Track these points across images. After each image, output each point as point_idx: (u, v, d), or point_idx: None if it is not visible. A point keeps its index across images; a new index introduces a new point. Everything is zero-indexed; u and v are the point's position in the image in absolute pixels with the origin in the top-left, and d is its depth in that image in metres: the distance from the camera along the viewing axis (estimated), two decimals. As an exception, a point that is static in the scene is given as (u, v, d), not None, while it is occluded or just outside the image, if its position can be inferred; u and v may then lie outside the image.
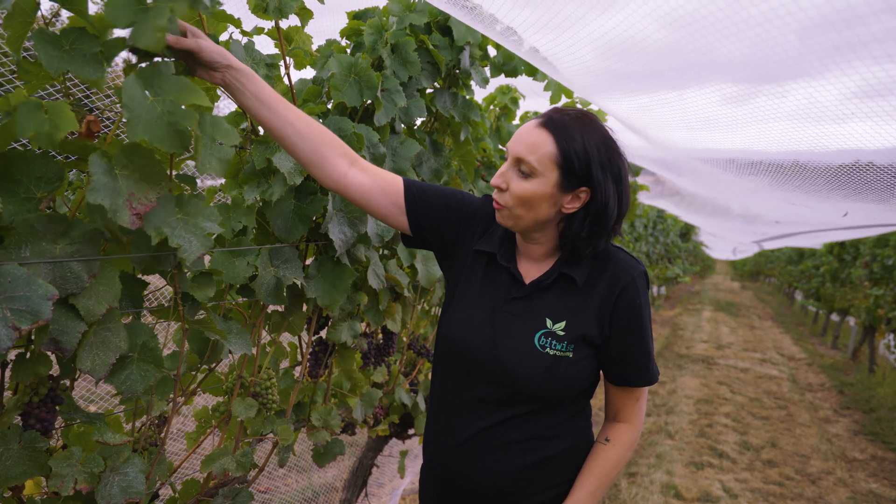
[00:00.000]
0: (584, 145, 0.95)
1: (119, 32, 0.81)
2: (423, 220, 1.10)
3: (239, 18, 1.00)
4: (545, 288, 1.04)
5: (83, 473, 0.83)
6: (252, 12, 1.02)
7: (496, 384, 1.04)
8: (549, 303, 1.03)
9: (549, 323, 1.02)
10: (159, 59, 0.82)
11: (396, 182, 1.09)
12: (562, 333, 1.01)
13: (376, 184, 1.07)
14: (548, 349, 1.01)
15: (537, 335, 1.01)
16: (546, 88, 1.97)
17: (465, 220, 1.12)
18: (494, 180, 1.01)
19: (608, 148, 0.98)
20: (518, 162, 0.98)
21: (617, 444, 1.09)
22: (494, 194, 1.02)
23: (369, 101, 1.26)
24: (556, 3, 1.27)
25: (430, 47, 1.45)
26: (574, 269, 1.03)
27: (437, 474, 1.13)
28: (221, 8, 0.95)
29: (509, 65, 1.77)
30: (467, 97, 1.66)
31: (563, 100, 2.08)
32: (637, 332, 1.03)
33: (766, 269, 19.74)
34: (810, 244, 6.99)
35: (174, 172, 0.90)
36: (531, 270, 1.07)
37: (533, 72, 1.82)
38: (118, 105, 0.77)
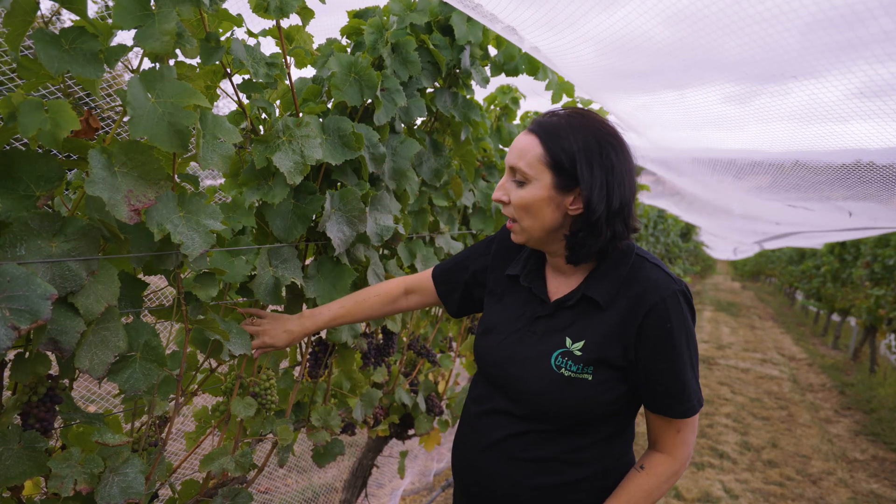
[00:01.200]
0: (570, 142, 0.93)
1: (120, 37, 0.81)
2: (457, 294, 1.23)
3: (240, 17, 1.00)
4: (568, 308, 1.01)
5: (82, 474, 0.83)
6: (253, 11, 1.02)
7: (513, 400, 1.03)
8: (570, 322, 1.00)
9: (568, 342, 0.99)
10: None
11: (425, 276, 1.27)
12: (579, 354, 0.97)
13: (426, 296, 1.27)
14: (563, 370, 0.98)
15: (554, 355, 0.99)
16: (547, 87, 1.96)
17: (487, 264, 1.18)
18: (495, 195, 1.01)
19: (599, 141, 0.94)
20: (513, 172, 0.98)
21: (651, 474, 1.01)
22: (503, 211, 1.03)
23: (369, 101, 1.25)
24: (560, 2, 1.26)
25: (431, 47, 1.45)
26: (596, 291, 0.99)
27: (461, 479, 1.13)
28: (223, 7, 0.95)
29: (510, 64, 1.77)
30: (468, 97, 1.65)
31: (565, 98, 2.08)
32: (667, 358, 0.96)
33: (767, 270, 19.73)
34: (811, 244, 6.99)
35: (177, 174, 0.90)
36: (560, 288, 1.05)
37: (534, 71, 1.82)
38: (118, 104, 0.77)
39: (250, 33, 1.07)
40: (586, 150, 0.93)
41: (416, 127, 1.58)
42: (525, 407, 1.02)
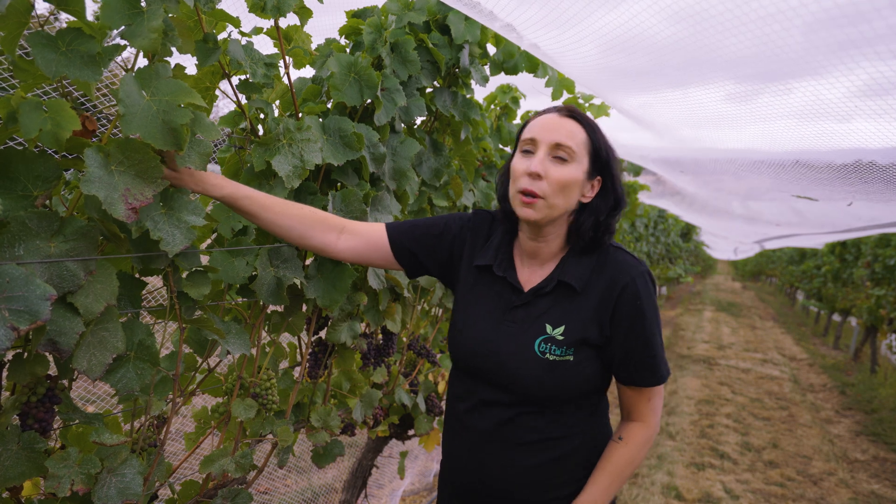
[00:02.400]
0: (603, 138, 1.04)
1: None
2: (412, 257, 1.15)
3: (238, 17, 1.00)
4: (544, 294, 1.05)
5: (80, 474, 0.82)
6: (250, 10, 1.02)
7: (502, 389, 1.06)
8: (548, 309, 1.05)
9: (548, 328, 1.03)
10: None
11: (380, 233, 1.14)
12: (561, 338, 1.02)
13: (365, 243, 1.13)
14: (548, 355, 1.02)
15: (537, 341, 1.03)
16: (547, 84, 1.96)
17: (455, 242, 1.16)
18: (534, 167, 0.99)
19: (610, 145, 1.06)
20: (557, 148, 0.99)
21: (630, 443, 1.09)
22: (527, 185, 1.00)
23: (369, 101, 1.25)
24: (562, 2, 1.26)
25: (430, 46, 1.45)
26: (571, 276, 1.04)
27: (453, 477, 1.16)
28: (220, 7, 0.95)
29: (509, 62, 1.77)
30: (467, 96, 1.65)
31: (565, 95, 2.07)
32: (640, 334, 1.03)
33: (768, 270, 19.72)
34: (812, 244, 6.98)
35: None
36: (532, 276, 1.09)
37: (533, 68, 1.82)
38: (115, 105, 0.77)
39: (243, 34, 1.07)
40: (607, 144, 1.05)
41: (415, 126, 1.58)
42: (512, 393, 1.05)
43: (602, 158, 1.03)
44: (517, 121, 2.22)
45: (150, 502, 1.01)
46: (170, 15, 0.85)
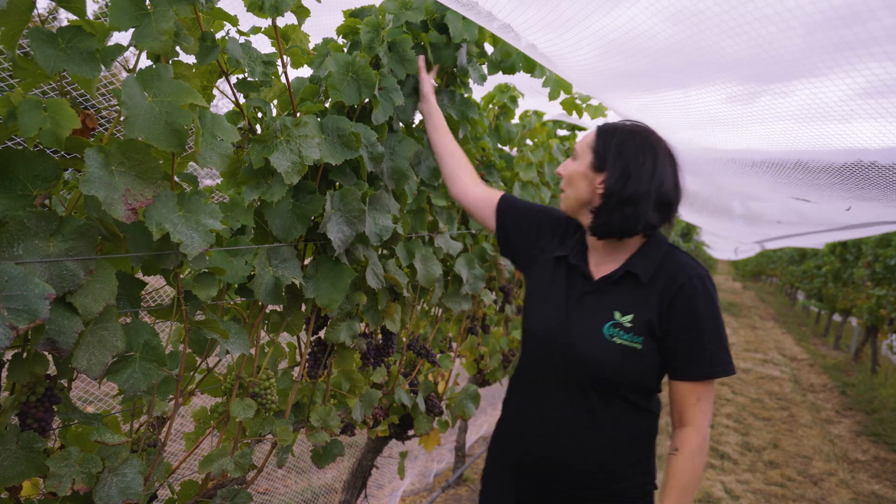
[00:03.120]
0: (614, 137, 1.17)
1: (117, 36, 0.81)
2: (508, 226, 1.37)
3: (235, 16, 1.00)
4: (613, 283, 1.19)
5: (81, 474, 0.82)
6: (248, 9, 1.02)
7: (572, 370, 1.17)
8: (617, 297, 1.17)
9: (617, 315, 1.15)
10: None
11: (495, 194, 1.41)
12: (629, 325, 1.14)
13: (485, 198, 1.41)
14: (615, 338, 1.14)
15: (606, 325, 1.15)
16: (545, 84, 1.96)
17: (547, 230, 1.34)
18: (558, 169, 1.27)
19: (638, 146, 1.15)
20: (573, 153, 1.25)
21: (684, 451, 1.14)
22: (560, 185, 1.26)
23: (367, 100, 1.25)
24: (561, 3, 1.26)
25: (428, 45, 1.45)
26: (639, 268, 1.17)
27: (513, 459, 1.26)
28: (218, 6, 0.95)
29: (507, 62, 1.77)
30: (465, 95, 1.65)
31: (562, 95, 2.07)
32: (694, 328, 1.13)
33: (768, 270, 19.70)
34: (812, 244, 6.97)
35: (175, 173, 0.90)
36: (601, 268, 1.22)
37: (531, 68, 1.82)
38: (115, 103, 0.77)
39: (241, 33, 1.07)
40: (621, 145, 1.16)
41: (414, 126, 1.58)
42: (581, 375, 1.16)
43: (601, 154, 1.16)
44: (515, 120, 2.22)
45: (149, 502, 1.01)
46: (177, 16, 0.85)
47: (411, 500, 2.98)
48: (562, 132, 3.08)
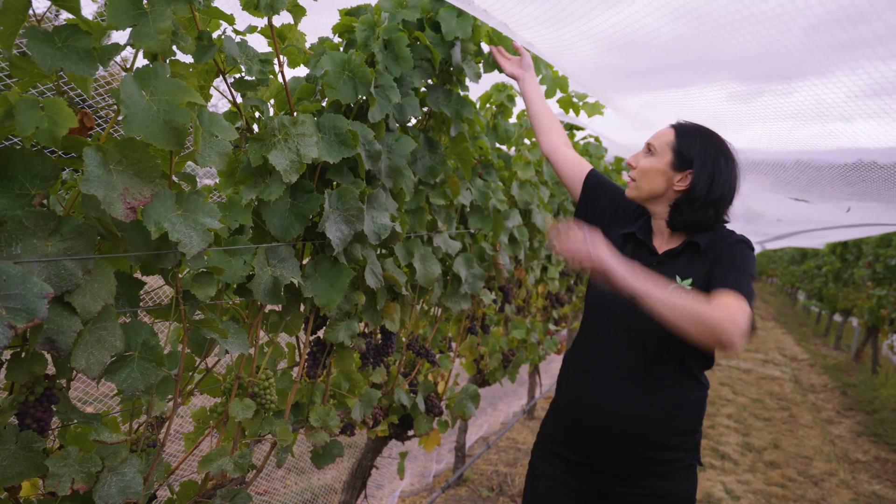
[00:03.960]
0: (695, 140, 1.28)
1: (116, 36, 0.81)
2: (592, 199, 1.50)
3: (232, 15, 1.00)
4: (675, 255, 1.30)
5: (80, 473, 0.82)
6: (243, 8, 1.02)
7: (633, 332, 1.27)
8: (678, 267, 1.28)
9: (678, 279, 1.26)
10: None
11: (584, 172, 1.54)
12: (689, 288, 1.24)
13: (576, 163, 1.56)
14: None
15: (669, 289, 1.21)
16: (541, 82, 1.95)
17: (621, 209, 1.45)
18: (628, 160, 1.38)
19: (717, 150, 1.28)
20: (648, 147, 1.34)
21: (694, 296, 1.14)
22: (629, 174, 1.37)
23: (363, 98, 1.25)
24: (560, 1, 1.26)
25: (427, 43, 1.45)
26: (700, 238, 1.28)
27: (571, 418, 1.36)
28: (214, 5, 0.95)
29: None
30: (461, 94, 1.65)
31: (558, 94, 2.07)
32: (726, 259, 1.24)
33: (769, 270, 19.68)
34: (813, 244, 6.97)
35: (174, 172, 0.90)
36: (664, 245, 1.34)
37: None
38: (114, 104, 0.77)
39: (237, 32, 1.07)
40: (705, 149, 1.27)
41: (411, 125, 1.58)
42: (642, 338, 1.26)
43: (685, 156, 1.27)
44: (513, 119, 2.22)
45: (148, 502, 1.01)
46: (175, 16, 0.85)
47: (411, 501, 2.98)
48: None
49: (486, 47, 1.73)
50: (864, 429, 5.00)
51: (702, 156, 1.26)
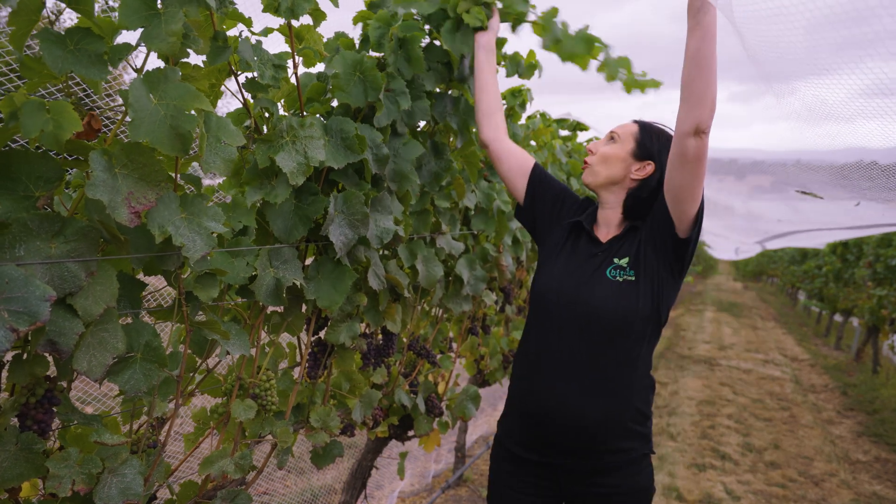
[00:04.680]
0: (656, 138, 1.34)
1: (124, 37, 0.81)
2: (536, 196, 1.48)
3: (250, 18, 0.99)
4: (618, 240, 1.34)
5: (81, 474, 0.82)
6: (264, 10, 1.01)
7: (579, 319, 1.29)
8: (618, 249, 1.33)
9: (616, 259, 1.31)
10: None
11: (529, 166, 1.50)
12: (626, 264, 1.30)
13: (519, 157, 1.49)
14: (617, 277, 1.29)
15: (608, 269, 1.31)
16: (600, 69, 1.70)
17: (566, 205, 1.47)
18: (590, 146, 1.40)
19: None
20: (611, 135, 1.37)
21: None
22: (587, 160, 1.39)
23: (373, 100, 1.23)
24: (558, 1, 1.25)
25: (446, 48, 1.41)
26: (639, 222, 1.34)
27: (523, 410, 1.36)
28: (234, 7, 0.95)
29: (521, 66, 1.75)
30: (471, 102, 1.59)
31: (621, 74, 1.85)
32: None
33: (769, 270, 19.67)
34: (813, 244, 6.96)
35: (179, 175, 0.90)
36: (608, 235, 1.37)
37: (590, 56, 1.61)
38: (119, 105, 0.77)
39: (253, 33, 1.07)
40: (665, 146, 1.32)
41: (418, 129, 1.56)
42: (588, 321, 1.28)
43: (647, 147, 1.32)
44: (522, 122, 2.21)
45: (148, 503, 1.01)
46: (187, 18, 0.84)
47: (411, 501, 2.98)
48: (563, 132, 3.08)
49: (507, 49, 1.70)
50: (865, 429, 5.00)
51: (663, 150, 1.32)
